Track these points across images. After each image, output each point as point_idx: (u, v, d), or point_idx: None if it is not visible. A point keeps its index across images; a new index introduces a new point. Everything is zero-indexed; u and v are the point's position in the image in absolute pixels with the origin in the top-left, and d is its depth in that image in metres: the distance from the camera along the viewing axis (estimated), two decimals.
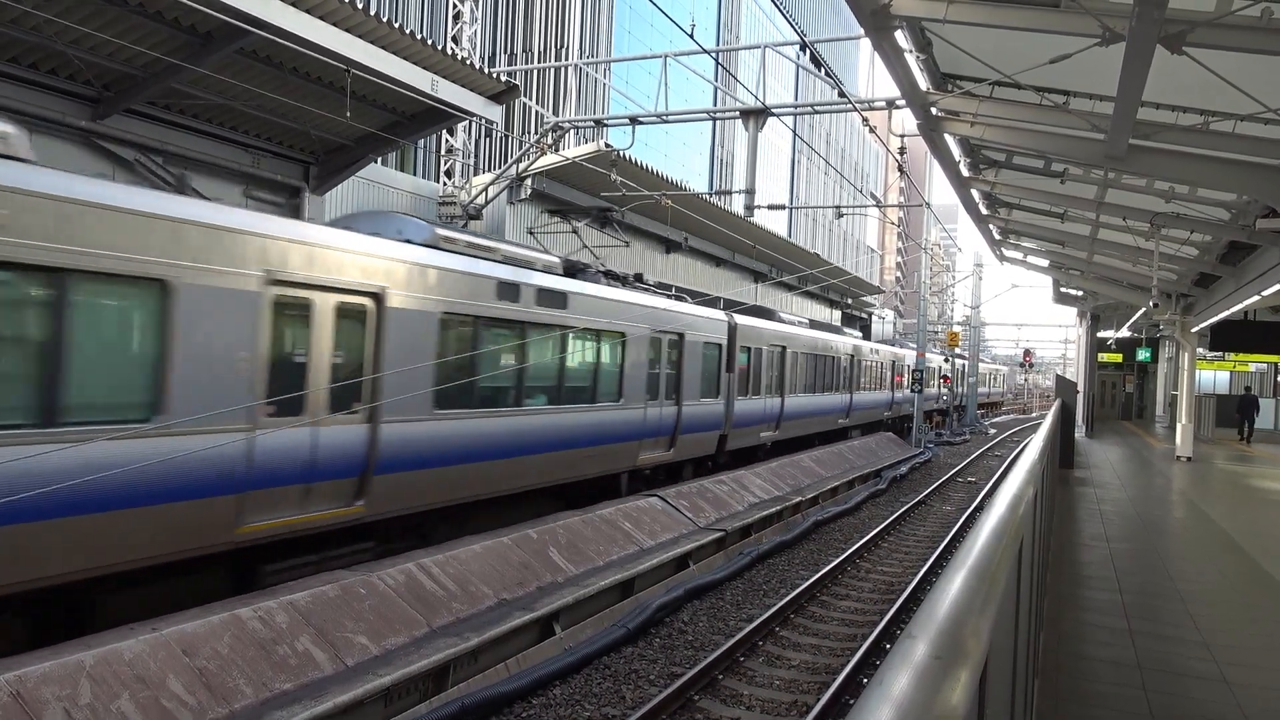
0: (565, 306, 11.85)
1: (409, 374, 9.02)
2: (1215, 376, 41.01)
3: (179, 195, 7.51)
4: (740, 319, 18.42)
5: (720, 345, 17.28)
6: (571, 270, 12.94)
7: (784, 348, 20.89)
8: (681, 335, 15.43)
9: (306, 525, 8.24)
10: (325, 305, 8.27)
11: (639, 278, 15.91)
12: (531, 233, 17.74)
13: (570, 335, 11.99)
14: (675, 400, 15.34)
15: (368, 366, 8.76)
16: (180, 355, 6.94)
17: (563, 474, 12.17)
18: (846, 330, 30.50)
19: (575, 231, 16.69)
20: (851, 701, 7.63)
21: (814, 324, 25.59)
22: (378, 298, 8.73)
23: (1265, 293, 15.04)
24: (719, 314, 17.67)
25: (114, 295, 6.69)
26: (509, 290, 10.71)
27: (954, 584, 1.48)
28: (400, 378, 8.97)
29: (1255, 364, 35.72)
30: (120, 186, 6.81)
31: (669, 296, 16.31)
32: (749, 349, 18.71)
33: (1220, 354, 32.19)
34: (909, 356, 35.04)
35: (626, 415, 13.56)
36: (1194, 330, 22.48)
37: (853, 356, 27.52)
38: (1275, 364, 35.34)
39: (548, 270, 12.06)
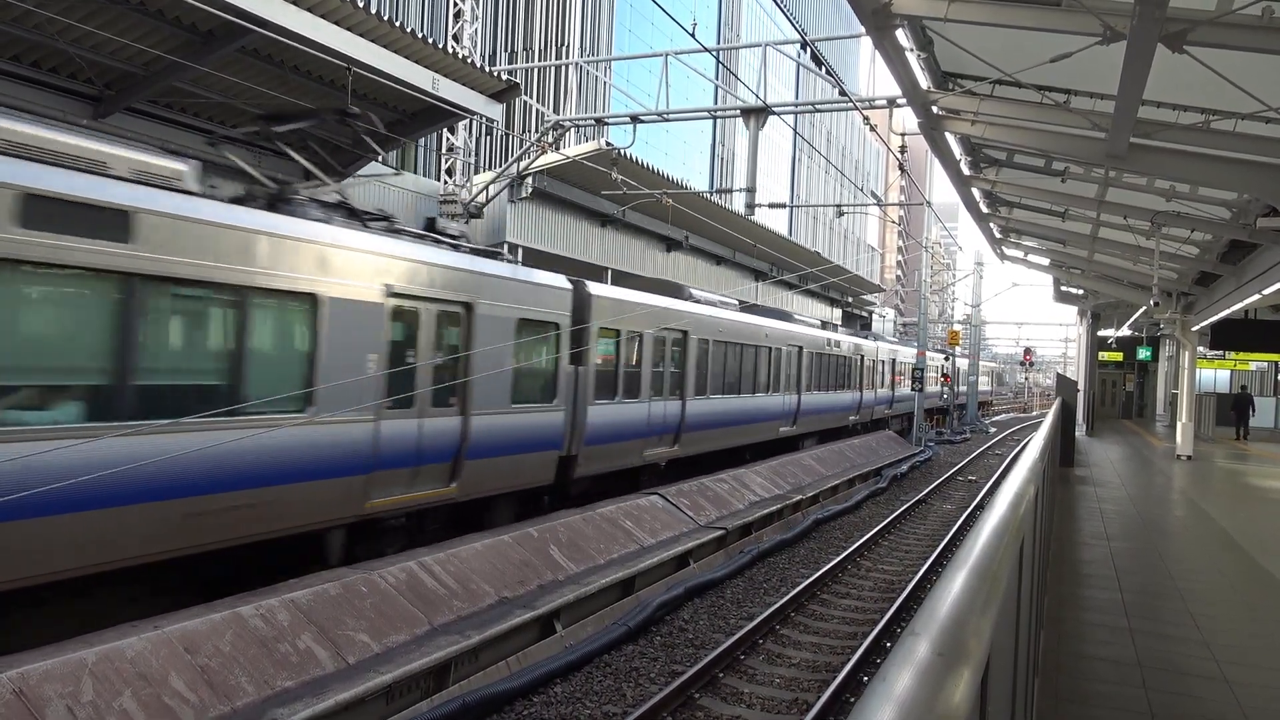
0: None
1: (494, 371, 10.45)
2: (1216, 375, 41.02)
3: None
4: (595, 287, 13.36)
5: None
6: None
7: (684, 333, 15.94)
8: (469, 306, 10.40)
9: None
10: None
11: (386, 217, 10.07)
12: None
13: None
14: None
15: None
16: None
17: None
18: (801, 317, 25.16)
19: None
20: (852, 700, 7.64)
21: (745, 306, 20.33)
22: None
23: (1266, 291, 15.03)
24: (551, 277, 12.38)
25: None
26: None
27: (956, 583, 1.49)
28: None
29: (1256, 363, 35.72)
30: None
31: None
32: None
33: (1221, 353, 32.18)
34: (882, 349, 32.12)
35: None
36: (1194, 329, 22.47)
37: (800, 350, 22.49)
38: (1276, 363, 35.33)
39: None
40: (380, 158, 14.62)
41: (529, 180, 18.49)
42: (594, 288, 13.19)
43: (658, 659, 8.37)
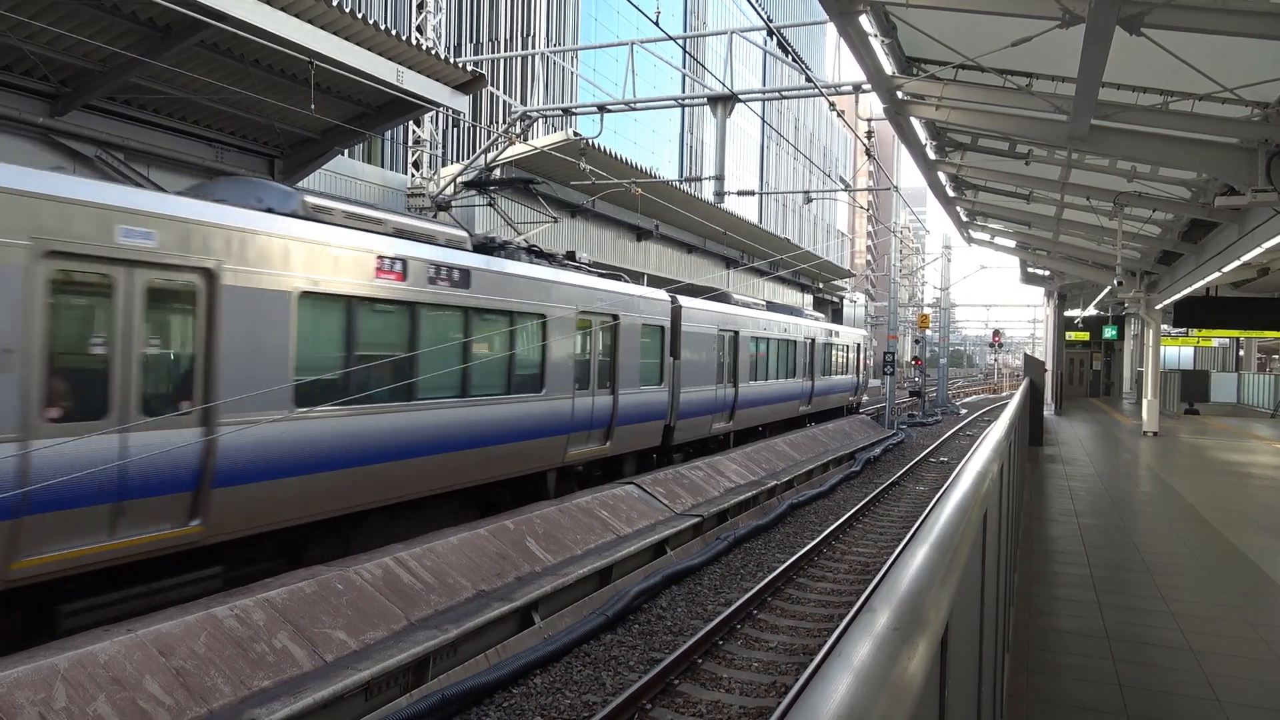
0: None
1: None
2: (1180, 352, 41.74)
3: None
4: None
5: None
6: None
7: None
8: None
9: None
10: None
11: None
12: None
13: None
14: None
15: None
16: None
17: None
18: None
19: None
20: None
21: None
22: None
23: (1226, 269, 15.33)
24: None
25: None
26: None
27: (916, 557, 1.53)
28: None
29: (1218, 339, 36.40)
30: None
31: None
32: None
33: (1184, 330, 32.78)
34: (800, 326, 25.35)
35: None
36: (1158, 307, 22.86)
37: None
38: (1237, 339, 36.03)
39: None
40: (345, 152, 14.50)
41: (497, 172, 18.39)
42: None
43: (636, 647, 8.42)
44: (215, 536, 7.63)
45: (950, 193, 17.90)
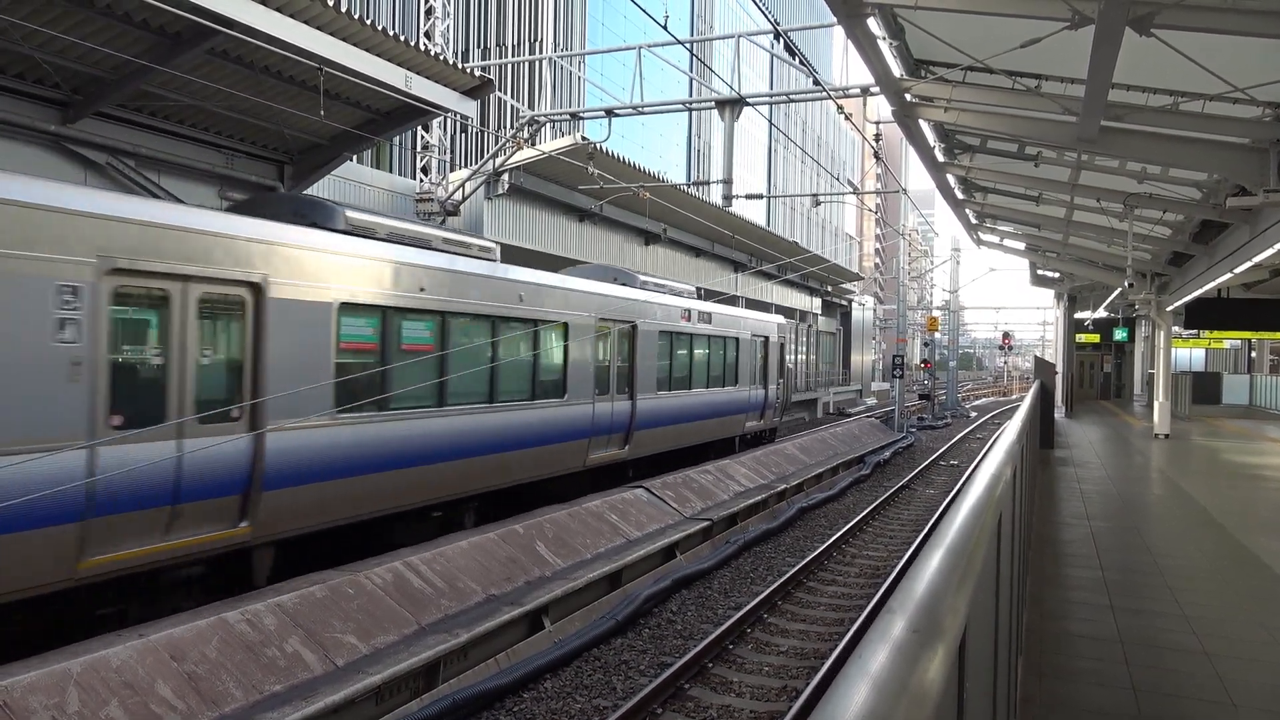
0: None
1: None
2: (1191, 354, 41.51)
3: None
4: None
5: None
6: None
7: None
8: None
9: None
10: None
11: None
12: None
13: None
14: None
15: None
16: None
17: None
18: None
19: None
20: None
21: None
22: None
23: (1237, 270, 15.24)
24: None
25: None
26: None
27: (932, 561, 1.52)
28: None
29: (1229, 341, 36.17)
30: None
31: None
32: None
33: (1195, 332, 32.59)
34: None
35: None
36: (1169, 309, 22.74)
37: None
38: (1249, 341, 35.81)
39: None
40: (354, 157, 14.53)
41: (505, 176, 18.43)
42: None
43: (647, 651, 8.41)
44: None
45: (959, 195, 17.86)
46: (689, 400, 16.97)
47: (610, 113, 16.69)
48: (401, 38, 11.39)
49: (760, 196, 21.53)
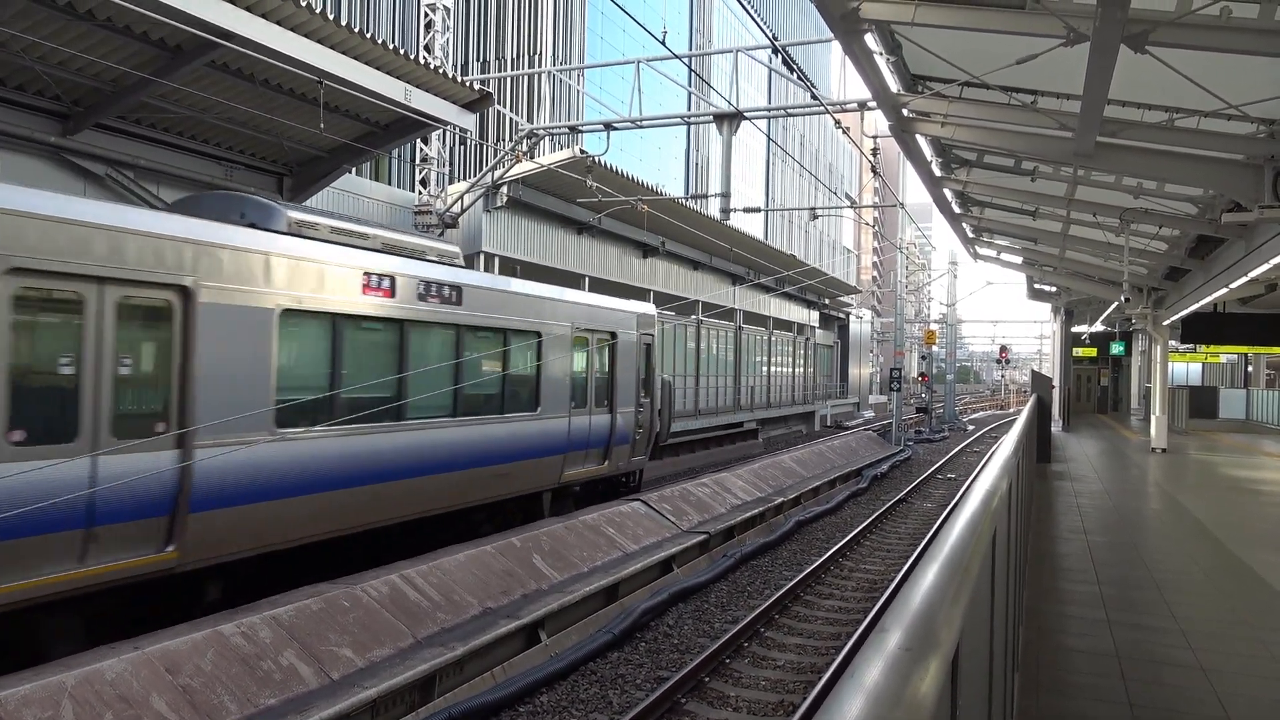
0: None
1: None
2: (1188, 368, 41.59)
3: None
4: None
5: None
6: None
7: None
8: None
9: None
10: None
11: None
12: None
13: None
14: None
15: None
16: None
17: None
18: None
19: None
20: None
21: None
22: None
23: (1233, 285, 15.30)
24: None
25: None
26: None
27: (927, 576, 1.52)
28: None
29: (1226, 355, 36.24)
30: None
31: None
32: None
33: (1192, 346, 32.66)
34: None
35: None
36: (1165, 323, 22.80)
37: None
38: (1245, 355, 35.88)
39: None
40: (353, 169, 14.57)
41: (504, 189, 18.49)
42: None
43: (643, 665, 8.38)
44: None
45: (956, 209, 17.93)
46: (393, 442, 9.66)
47: (609, 126, 16.76)
48: (401, 51, 11.46)
49: (758, 210, 21.64)
